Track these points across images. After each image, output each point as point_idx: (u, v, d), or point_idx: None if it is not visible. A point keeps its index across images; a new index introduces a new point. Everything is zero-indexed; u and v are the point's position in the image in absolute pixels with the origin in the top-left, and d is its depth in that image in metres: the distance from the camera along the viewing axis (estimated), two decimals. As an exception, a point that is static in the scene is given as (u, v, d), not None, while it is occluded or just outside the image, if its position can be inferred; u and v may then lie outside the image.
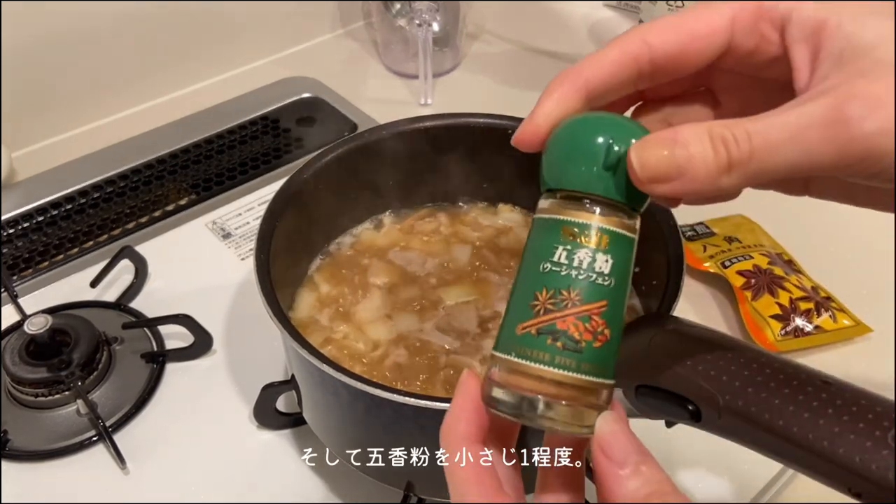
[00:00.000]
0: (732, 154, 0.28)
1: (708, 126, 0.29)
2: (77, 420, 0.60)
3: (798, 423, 0.31)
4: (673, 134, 0.29)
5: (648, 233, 0.52)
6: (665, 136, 0.29)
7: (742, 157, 0.28)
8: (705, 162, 0.29)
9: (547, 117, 0.33)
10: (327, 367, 0.44)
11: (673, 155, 0.29)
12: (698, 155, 0.29)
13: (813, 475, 0.31)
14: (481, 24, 1.12)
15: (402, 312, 0.57)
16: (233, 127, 0.93)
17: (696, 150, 0.29)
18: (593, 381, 0.31)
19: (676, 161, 0.29)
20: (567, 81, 0.33)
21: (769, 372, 0.33)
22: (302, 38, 1.09)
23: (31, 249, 0.78)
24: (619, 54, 0.33)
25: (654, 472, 0.31)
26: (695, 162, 0.29)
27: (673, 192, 0.30)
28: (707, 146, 0.28)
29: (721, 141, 0.28)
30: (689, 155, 0.29)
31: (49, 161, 0.88)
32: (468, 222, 0.65)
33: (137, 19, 0.91)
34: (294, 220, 0.56)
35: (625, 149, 0.31)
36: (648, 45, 0.32)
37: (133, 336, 0.66)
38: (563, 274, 0.31)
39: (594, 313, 0.31)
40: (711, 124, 0.29)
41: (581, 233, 0.31)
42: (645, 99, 0.38)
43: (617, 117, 0.33)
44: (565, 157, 0.32)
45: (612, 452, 0.31)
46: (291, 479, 0.57)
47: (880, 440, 0.29)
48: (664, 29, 0.32)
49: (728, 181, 0.29)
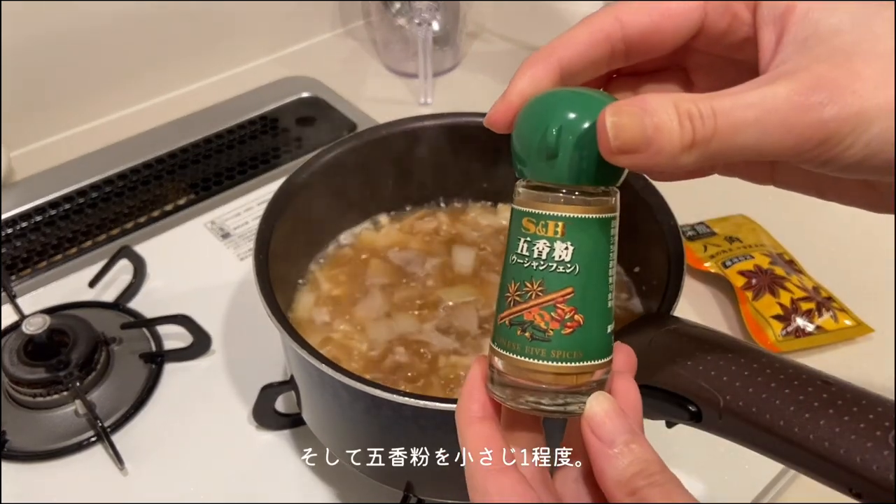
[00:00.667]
0: (697, 130, 0.28)
1: (675, 98, 0.28)
2: (75, 420, 0.60)
3: (799, 424, 0.31)
4: (641, 102, 0.28)
5: (648, 233, 0.53)
6: (634, 102, 0.28)
7: (705, 135, 0.28)
8: (671, 135, 0.28)
9: (519, 95, 0.32)
10: (326, 368, 0.43)
11: (642, 124, 0.28)
12: (665, 126, 0.28)
13: (814, 476, 0.31)
14: (481, 24, 1.12)
15: (402, 313, 0.57)
16: (232, 126, 0.93)
17: (662, 119, 0.28)
18: (569, 367, 0.31)
19: (645, 131, 0.28)
20: (540, 60, 0.32)
21: (770, 372, 0.33)
22: (301, 37, 1.09)
23: (30, 249, 0.78)
24: (590, 32, 0.32)
25: (644, 451, 0.31)
26: (661, 133, 0.28)
27: (637, 166, 0.29)
28: (673, 118, 0.28)
29: (687, 115, 0.28)
30: (656, 125, 0.28)
31: (47, 160, 0.88)
32: (468, 222, 0.64)
33: (136, 18, 0.91)
34: (293, 220, 0.56)
35: (587, 124, 0.29)
36: (621, 23, 0.32)
37: (131, 336, 0.66)
38: (526, 266, 0.31)
39: (558, 302, 0.30)
40: (678, 97, 0.28)
41: (538, 223, 0.31)
42: (618, 74, 0.37)
43: (579, 92, 0.31)
44: (523, 143, 0.31)
45: (602, 432, 0.30)
46: (291, 480, 0.57)
47: (881, 441, 0.29)
48: (637, 7, 0.32)
49: (687, 159, 0.28)
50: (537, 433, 0.34)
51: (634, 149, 0.28)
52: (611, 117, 0.28)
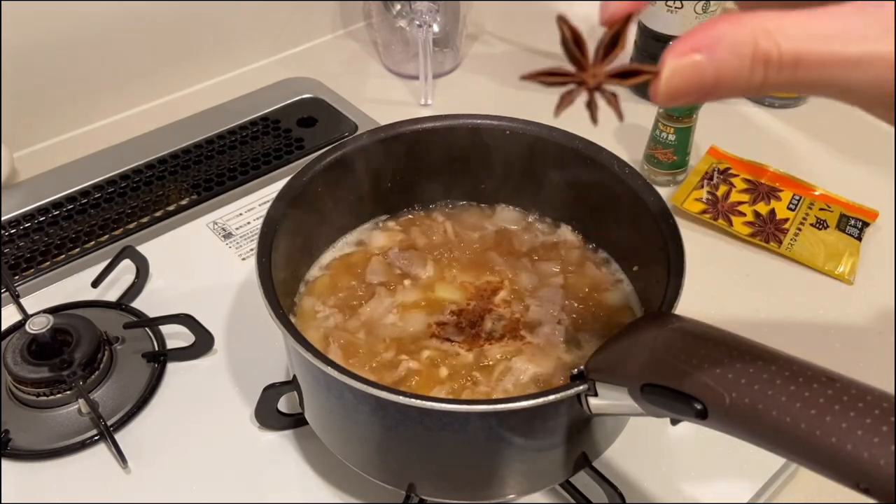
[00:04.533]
0: (770, 77, 0.25)
1: (756, 31, 0.25)
2: (78, 419, 0.60)
3: (805, 420, 0.31)
4: (712, 39, 0.26)
5: (648, 232, 0.53)
6: (702, 41, 0.26)
7: (779, 82, 0.25)
8: (735, 81, 0.26)
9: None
10: (330, 370, 0.43)
11: (702, 75, 0.26)
12: (729, 73, 0.26)
13: (821, 471, 0.31)
14: (481, 25, 1.12)
15: (404, 313, 0.57)
16: (234, 127, 0.94)
17: (730, 65, 0.25)
18: None
19: (703, 83, 0.26)
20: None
21: (775, 369, 0.33)
22: (302, 38, 1.09)
23: (33, 249, 0.78)
24: None
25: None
26: (724, 81, 0.26)
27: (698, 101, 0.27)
28: (745, 62, 0.25)
29: (763, 60, 0.25)
30: (718, 72, 0.26)
31: (51, 161, 0.88)
32: (469, 223, 0.65)
33: (139, 20, 0.91)
34: (295, 222, 0.56)
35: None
36: None
37: (134, 336, 0.66)
38: None
39: None
40: (763, 27, 0.25)
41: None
42: None
43: None
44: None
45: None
46: (293, 480, 0.57)
47: (888, 436, 0.29)
48: None
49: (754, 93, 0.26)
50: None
51: (691, 97, 0.27)
52: (672, 64, 0.26)
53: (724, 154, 0.86)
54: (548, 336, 0.55)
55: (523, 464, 0.49)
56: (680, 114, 0.78)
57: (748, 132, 0.90)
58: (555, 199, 0.63)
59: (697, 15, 0.89)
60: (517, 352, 0.54)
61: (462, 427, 0.44)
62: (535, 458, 0.49)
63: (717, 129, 0.89)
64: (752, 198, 0.81)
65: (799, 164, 0.86)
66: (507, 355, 0.53)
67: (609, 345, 0.44)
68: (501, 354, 0.54)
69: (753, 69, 0.26)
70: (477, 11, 1.13)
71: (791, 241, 0.77)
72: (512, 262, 0.61)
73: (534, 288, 0.59)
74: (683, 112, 0.78)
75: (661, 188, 0.79)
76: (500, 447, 0.46)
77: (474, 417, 0.44)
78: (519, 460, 0.48)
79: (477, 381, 0.52)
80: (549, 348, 0.54)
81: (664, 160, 0.82)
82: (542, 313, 0.57)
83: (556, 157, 0.59)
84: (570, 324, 0.56)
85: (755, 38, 0.25)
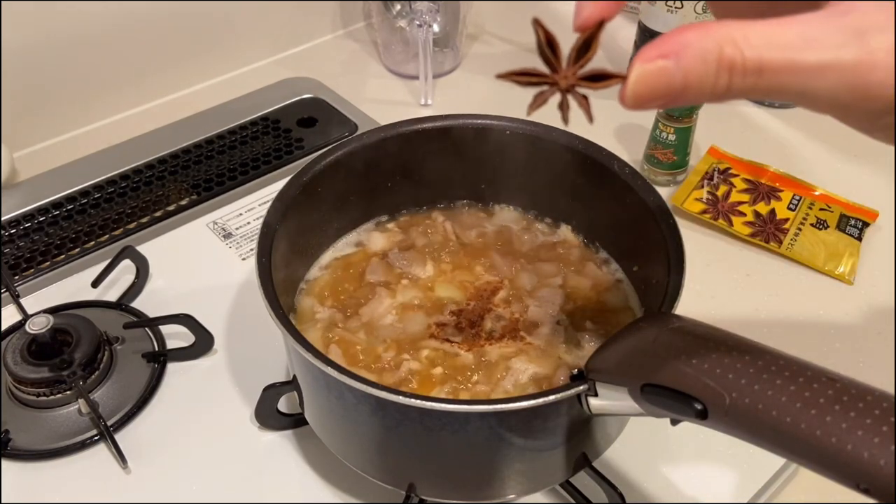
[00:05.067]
0: (735, 83, 0.26)
1: (721, 39, 0.26)
2: (78, 419, 0.60)
3: (806, 420, 0.31)
4: (679, 46, 0.27)
5: (648, 232, 0.53)
6: (669, 46, 0.27)
7: (744, 88, 0.26)
8: (701, 87, 0.27)
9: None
10: (330, 370, 0.43)
11: (669, 80, 0.27)
12: (696, 79, 0.26)
13: (821, 471, 0.31)
14: (481, 25, 1.12)
15: (404, 313, 0.57)
16: (234, 127, 0.94)
17: (696, 72, 0.26)
18: None
19: (671, 87, 0.27)
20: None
21: (775, 369, 0.33)
22: (303, 38, 1.09)
23: (33, 249, 0.78)
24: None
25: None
26: (690, 87, 0.27)
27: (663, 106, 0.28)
28: (711, 69, 0.26)
29: (728, 66, 0.26)
30: (685, 78, 0.27)
31: (51, 161, 0.88)
32: (468, 223, 0.65)
33: (139, 20, 0.91)
34: (295, 222, 0.56)
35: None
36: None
37: (134, 336, 0.66)
38: None
39: None
40: (727, 36, 0.26)
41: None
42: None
43: None
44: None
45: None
46: (293, 480, 0.57)
47: (888, 436, 0.29)
48: None
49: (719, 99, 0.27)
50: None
51: (657, 102, 0.27)
52: (638, 69, 0.27)
53: (724, 154, 0.86)
54: (547, 336, 0.55)
55: (523, 464, 0.49)
56: (680, 114, 0.78)
57: (748, 132, 0.90)
58: (555, 199, 0.63)
59: (697, 14, 0.89)
60: (517, 352, 0.54)
61: (462, 427, 0.44)
62: (535, 458, 0.49)
63: (717, 129, 0.89)
64: (753, 198, 0.81)
65: (799, 164, 0.86)
66: (507, 355, 0.53)
67: (609, 345, 0.44)
68: (501, 355, 0.54)
69: (718, 75, 0.26)
70: (477, 11, 1.13)
71: (791, 242, 0.77)
72: (512, 262, 0.61)
73: (533, 288, 0.59)
74: (683, 112, 0.78)
75: (661, 188, 0.79)
76: (500, 447, 0.46)
77: (474, 417, 0.44)
78: (519, 460, 0.48)
79: (477, 381, 0.52)
80: (548, 348, 0.54)
81: (664, 160, 0.82)
82: (542, 313, 0.57)
83: (555, 158, 0.59)
84: (570, 324, 0.56)
85: (721, 45, 0.26)
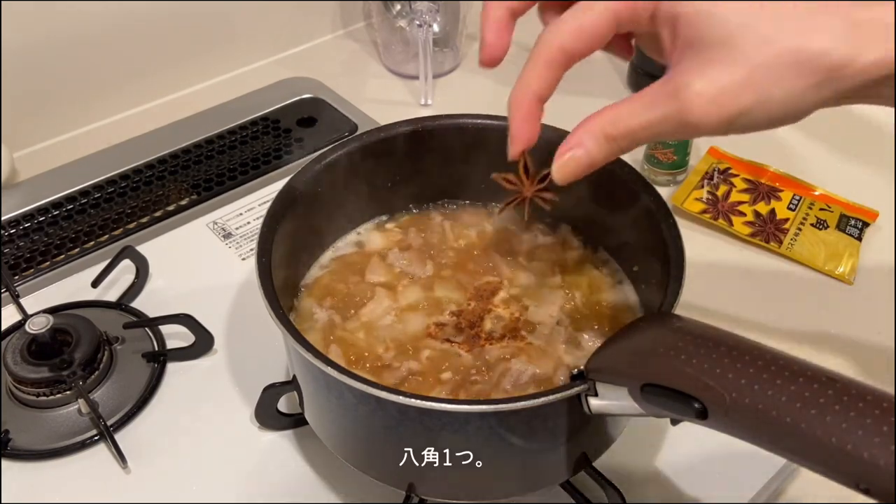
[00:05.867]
0: (613, 149, 0.40)
1: (601, 127, 0.39)
2: (78, 419, 0.60)
3: (806, 420, 0.31)
4: (578, 141, 0.40)
5: (647, 232, 0.53)
6: (573, 143, 0.40)
7: (621, 148, 0.40)
8: (598, 156, 0.40)
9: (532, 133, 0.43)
10: (330, 370, 0.43)
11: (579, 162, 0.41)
12: (594, 154, 0.40)
13: (821, 471, 0.31)
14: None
15: (405, 313, 0.57)
16: (233, 127, 0.94)
17: (594, 152, 0.40)
18: None
19: (579, 168, 0.41)
20: (528, 101, 0.42)
21: (775, 369, 0.33)
22: (302, 38, 1.09)
23: (33, 249, 0.78)
24: (548, 67, 0.41)
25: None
26: (593, 159, 0.40)
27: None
28: (602, 145, 0.40)
29: (610, 139, 0.39)
30: (590, 157, 0.40)
31: (50, 161, 0.88)
32: (468, 223, 0.65)
33: (139, 20, 0.91)
34: (295, 222, 0.56)
35: None
36: (565, 52, 0.41)
37: (134, 336, 0.66)
38: None
39: None
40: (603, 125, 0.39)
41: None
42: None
43: None
44: None
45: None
46: (293, 480, 0.57)
47: (888, 436, 0.29)
48: (571, 34, 0.41)
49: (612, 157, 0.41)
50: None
51: (577, 176, 0.41)
52: (559, 161, 0.41)
53: (724, 154, 0.86)
54: (547, 336, 0.55)
55: (523, 464, 0.49)
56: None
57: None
58: (554, 199, 0.63)
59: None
60: (517, 352, 0.54)
61: (462, 427, 0.44)
62: (535, 458, 0.49)
63: (717, 129, 0.89)
64: (753, 198, 0.81)
65: (799, 164, 0.86)
66: (507, 356, 0.53)
67: (609, 345, 0.44)
68: (501, 355, 0.54)
69: (610, 146, 0.40)
70: (477, 11, 1.12)
71: (791, 241, 0.77)
72: (511, 262, 0.61)
73: (533, 288, 0.59)
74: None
75: (661, 188, 0.79)
76: (500, 447, 0.46)
77: (474, 417, 0.44)
78: (519, 460, 0.48)
79: (476, 381, 0.52)
80: (548, 348, 0.54)
81: (664, 160, 0.82)
82: (542, 313, 0.57)
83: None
84: (570, 324, 0.56)
85: (603, 128, 0.39)
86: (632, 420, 0.54)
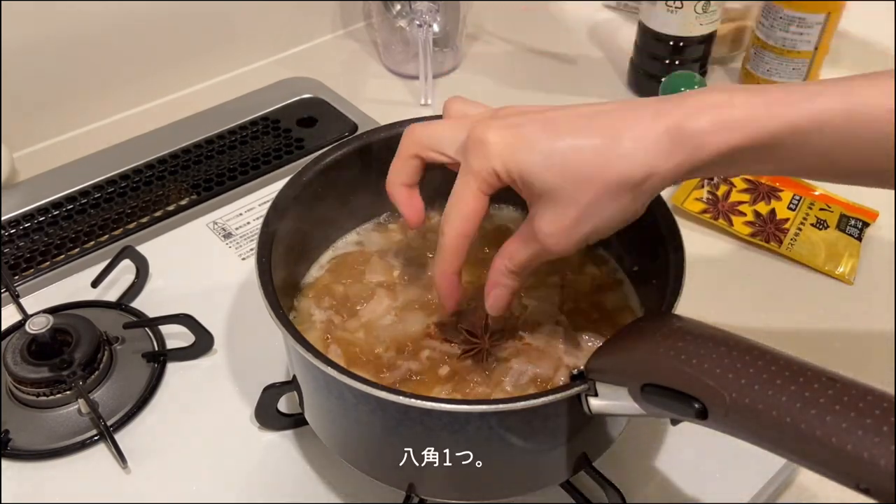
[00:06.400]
0: (517, 278, 0.48)
1: (506, 265, 0.47)
2: (78, 419, 0.60)
3: (806, 420, 0.31)
4: (497, 283, 0.48)
5: (647, 232, 0.53)
6: (493, 283, 0.48)
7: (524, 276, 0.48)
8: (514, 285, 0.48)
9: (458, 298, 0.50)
10: (330, 370, 0.43)
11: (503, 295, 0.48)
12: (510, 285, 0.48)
13: (821, 471, 0.31)
14: (481, 25, 1.12)
15: (404, 313, 0.57)
16: (233, 127, 0.94)
17: (508, 284, 0.48)
18: None
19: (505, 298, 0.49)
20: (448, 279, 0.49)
21: (775, 369, 0.33)
22: (302, 38, 1.09)
23: (33, 249, 0.78)
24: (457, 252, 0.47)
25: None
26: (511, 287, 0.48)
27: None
28: (511, 278, 0.47)
29: (513, 272, 0.47)
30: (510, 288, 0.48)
31: (50, 161, 0.88)
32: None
33: (138, 20, 0.91)
34: (295, 222, 0.56)
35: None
36: (466, 236, 0.47)
37: (134, 336, 0.66)
38: None
39: None
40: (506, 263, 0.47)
41: None
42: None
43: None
44: None
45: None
46: (293, 480, 0.57)
47: (888, 436, 0.29)
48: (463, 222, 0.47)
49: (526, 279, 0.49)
50: None
51: (506, 306, 0.49)
52: (489, 302, 0.49)
53: (724, 154, 0.86)
54: (547, 336, 0.55)
55: (523, 464, 0.49)
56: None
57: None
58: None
59: (697, 14, 0.89)
60: (517, 352, 0.54)
61: (462, 427, 0.44)
62: (535, 458, 0.49)
63: (717, 129, 0.89)
64: (753, 198, 0.81)
65: (799, 164, 0.86)
66: (507, 356, 0.53)
67: (609, 345, 0.44)
68: (501, 355, 0.54)
69: (518, 277, 0.47)
70: (477, 11, 1.13)
71: (791, 241, 0.77)
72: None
73: (533, 288, 0.59)
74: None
75: (661, 188, 0.79)
76: (501, 447, 0.46)
77: (474, 417, 0.44)
78: (519, 460, 0.48)
79: (476, 381, 0.52)
80: (548, 348, 0.54)
81: (664, 160, 0.82)
82: (542, 313, 0.57)
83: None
84: (570, 324, 0.56)
85: (506, 266, 0.47)
86: (632, 420, 0.54)
